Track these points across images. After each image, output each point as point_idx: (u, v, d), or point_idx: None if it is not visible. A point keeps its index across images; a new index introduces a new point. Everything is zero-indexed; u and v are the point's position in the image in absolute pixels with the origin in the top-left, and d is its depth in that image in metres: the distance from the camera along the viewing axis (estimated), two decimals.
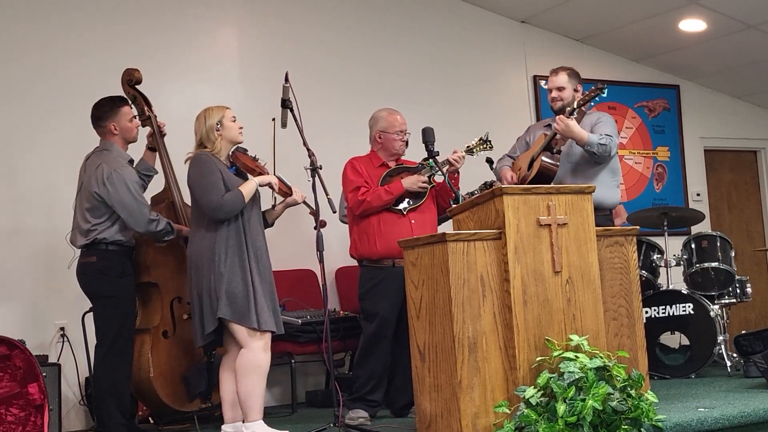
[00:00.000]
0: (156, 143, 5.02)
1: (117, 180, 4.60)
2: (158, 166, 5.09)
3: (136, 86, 5.07)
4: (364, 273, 5.00)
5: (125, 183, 4.62)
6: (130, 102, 4.96)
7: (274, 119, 4.58)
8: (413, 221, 4.92)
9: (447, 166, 4.90)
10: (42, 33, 5.93)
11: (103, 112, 4.85)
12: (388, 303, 4.85)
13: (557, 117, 4.95)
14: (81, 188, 4.77)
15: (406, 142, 5.11)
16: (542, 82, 7.44)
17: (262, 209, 4.58)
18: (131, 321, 4.80)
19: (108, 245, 4.68)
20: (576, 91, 5.21)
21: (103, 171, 4.62)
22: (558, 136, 5.01)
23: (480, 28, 7.57)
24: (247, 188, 4.33)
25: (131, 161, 4.87)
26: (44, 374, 4.46)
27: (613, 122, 5.21)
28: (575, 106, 4.92)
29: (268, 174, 4.53)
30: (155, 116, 5.06)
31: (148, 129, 5.06)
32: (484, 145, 5.05)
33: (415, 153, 5.44)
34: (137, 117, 4.98)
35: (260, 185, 4.42)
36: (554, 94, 5.22)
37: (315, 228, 4.41)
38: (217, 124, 4.37)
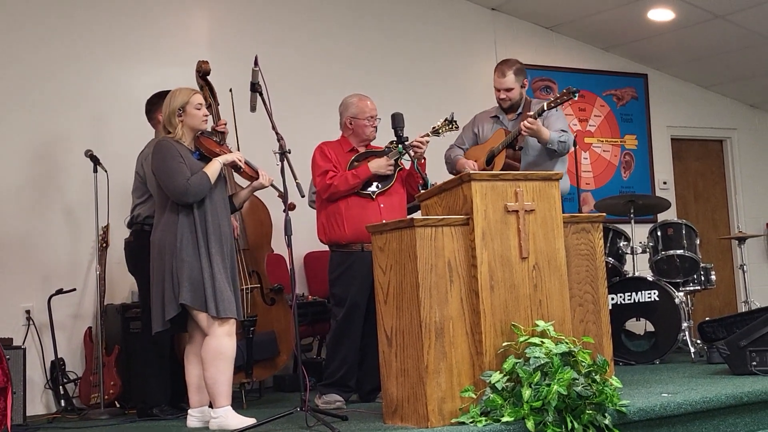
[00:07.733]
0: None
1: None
2: None
3: (206, 77, 5.14)
4: (333, 258, 4.98)
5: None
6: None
7: (231, 90, 4.54)
8: (382, 205, 4.91)
9: (412, 150, 4.88)
10: (7, 16, 5.84)
11: (151, 105, 5.04)
12: (357, 287, 4.83)
13: (527, 119, 4.95)
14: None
15: (376, 128, 5.10)
16: None
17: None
18: None
19: (143, 225, 4.81)
20: (523, 87, 5.28)
21: (145, 152, 4.77)
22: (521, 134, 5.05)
23: (450, 15, 7.57)
24: (212, 169, 4.25)
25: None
26: (8, 357, 4.41)
27: (562, 114, 5.22)
28: (545, 108, 4.93)
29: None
30: (218, 105, 5.09)
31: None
32: (450, 126, 5.05)
33: (386, 138, 5.44)
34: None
35: (225, 164, 4.34)
36: (503, 95, 5.28)
37: (284, 211, 4.38)
38: (179, 110, 4.27)
